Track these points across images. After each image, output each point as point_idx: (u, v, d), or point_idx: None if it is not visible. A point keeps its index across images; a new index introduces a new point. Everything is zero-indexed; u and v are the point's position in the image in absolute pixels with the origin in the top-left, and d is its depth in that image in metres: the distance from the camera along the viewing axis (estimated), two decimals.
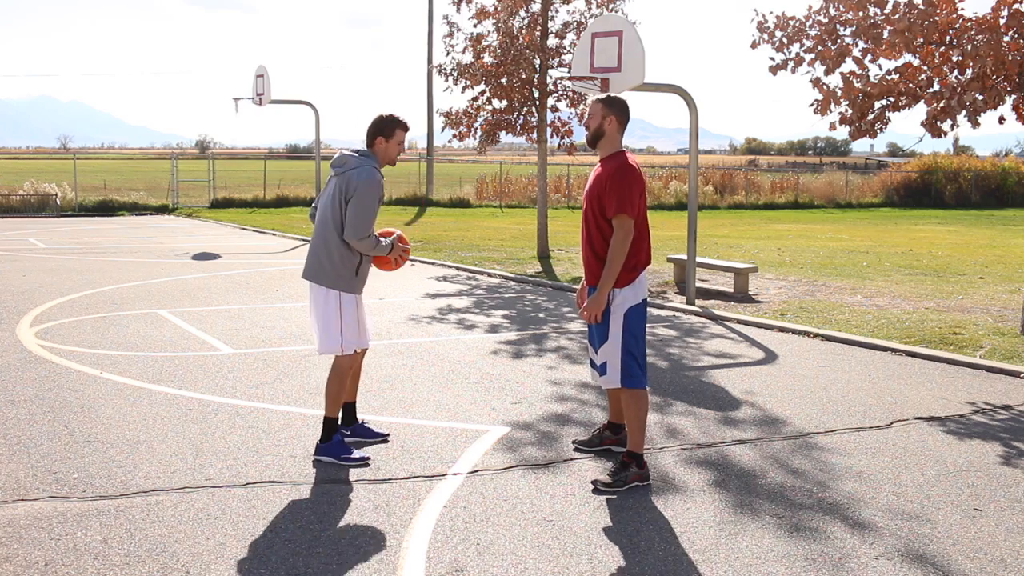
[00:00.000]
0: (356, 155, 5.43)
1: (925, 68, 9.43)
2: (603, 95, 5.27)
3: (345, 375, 5.49)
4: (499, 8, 16.37)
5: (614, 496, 4.97)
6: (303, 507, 4.74)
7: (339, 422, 5.62)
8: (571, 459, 5.57)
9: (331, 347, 5.43)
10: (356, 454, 5.41)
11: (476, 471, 5.31)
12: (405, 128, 5.50)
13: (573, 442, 5.81)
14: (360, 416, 6.04)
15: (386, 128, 5.46)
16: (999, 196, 40.05)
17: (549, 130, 17.14)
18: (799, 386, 7.49)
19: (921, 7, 9.02)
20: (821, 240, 21.84)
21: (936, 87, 9.42)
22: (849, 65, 9.71)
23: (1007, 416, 6.72)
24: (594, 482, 5.12)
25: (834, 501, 4.94)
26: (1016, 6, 8.88)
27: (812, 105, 9.99)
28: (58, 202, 28.36)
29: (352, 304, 5.47)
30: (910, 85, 9.51)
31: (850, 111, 9.78)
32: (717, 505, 4.87)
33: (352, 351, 5.49)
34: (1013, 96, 9.27)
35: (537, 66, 16.36)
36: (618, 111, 5.20)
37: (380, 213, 34.42)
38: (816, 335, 9.67)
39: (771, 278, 14.33)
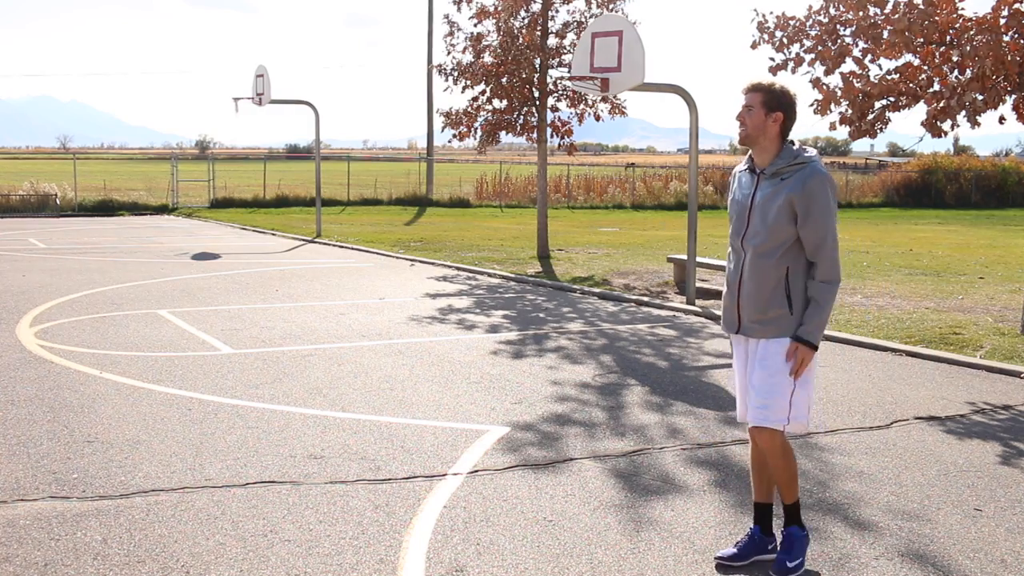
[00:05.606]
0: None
1: (925, 68, 9.42)
2: None
3: (790, 451, 4.10)
4: (499, 8, 16.37)
5: None
6: (303, 507, 4.73)
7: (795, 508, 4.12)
8: (571, 459, 5.56)
9: (786, 419, 3.97)
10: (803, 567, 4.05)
11: (476, 471, 5.31)
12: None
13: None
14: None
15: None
16: (999, 196, 40.06)
17: (549, 130, 17.14)
18: None
19: (921, 7, 9.02)
20: None
21: (936, 87, 9.41)
22: (849, 65, 9.72)
23: (1007, 416, 6.72)
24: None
25: (834, 501, 4.94)
26: (1016, 6, 8.88)
27: (812, 105, 9.99)
28: (58, 202, 28.36)
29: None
30: (910, 85, 9.50)
31: (850, 111, 9.77)
32: (717, 505, 4.87)
33: (809, 422, 4.08)
34: (1013, 96, 9.26)
35: (537, 66, 16.36)
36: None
37: (380, 213, 33.69)
38: None
39: None
